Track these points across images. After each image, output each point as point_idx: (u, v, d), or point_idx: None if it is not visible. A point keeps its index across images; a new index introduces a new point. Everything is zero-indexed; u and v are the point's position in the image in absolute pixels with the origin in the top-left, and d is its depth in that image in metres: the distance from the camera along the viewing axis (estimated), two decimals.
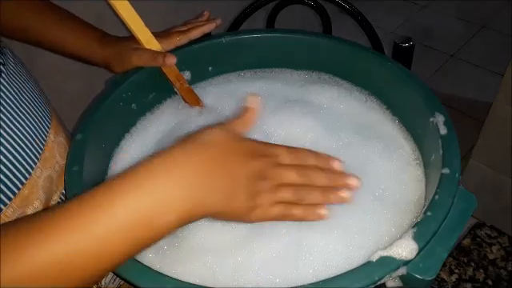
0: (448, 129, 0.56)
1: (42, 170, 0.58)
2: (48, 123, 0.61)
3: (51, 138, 0.61)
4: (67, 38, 0.69)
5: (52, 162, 0.60)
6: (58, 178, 0.61)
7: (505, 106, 1.21)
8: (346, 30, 1.08)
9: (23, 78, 0.60)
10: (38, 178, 0.57)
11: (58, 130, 0.63)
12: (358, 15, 1.00)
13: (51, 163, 0.60)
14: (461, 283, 0.66)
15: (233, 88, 0.73)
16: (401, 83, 0.65)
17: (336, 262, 0.51)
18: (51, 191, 0.60)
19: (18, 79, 0.58)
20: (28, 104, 0.58)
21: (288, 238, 0.53)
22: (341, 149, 0.63)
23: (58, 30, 0.69)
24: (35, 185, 0.57)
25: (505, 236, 0.71)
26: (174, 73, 0.69)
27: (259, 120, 0.66)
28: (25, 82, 0.60)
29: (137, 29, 0.65)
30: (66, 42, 0.70)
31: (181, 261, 0.52)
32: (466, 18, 2.29)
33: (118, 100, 0.65)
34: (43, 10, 0.69)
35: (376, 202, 0.57)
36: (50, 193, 0.60)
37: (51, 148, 0.60)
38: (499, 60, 1.83)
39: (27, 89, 0.59)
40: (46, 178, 0.59)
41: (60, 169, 0.62)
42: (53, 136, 0.61)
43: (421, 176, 0.59)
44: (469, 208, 0.50)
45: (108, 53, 0.69)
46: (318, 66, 0.74)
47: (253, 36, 0.74)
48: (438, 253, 0.46)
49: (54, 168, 0.60)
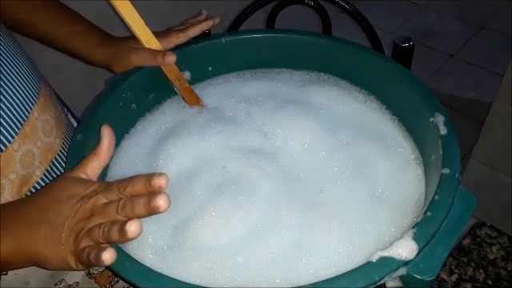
0: (448, 129, 0.56)
1: (21, 145, 0.59)
2: (34, 99, 0.62)
3: (35, 114, 0.61)
4: (70, 37, 0.71)
5: (33, 138, 0.61)
6: (42, 155, 0.63)
7: (505, 106, 1.21)
8: (346, 30, 1.08)
9: (11, 50, 0.61)
10: (15, 152, 0.58)
11: (45, 108, 0.64)
12: (358, 15, 1.00)
13: (32, 139, 0.61)
14: (461, 283, 0.66)
15: (233, 88, 0.73)
16: (400, 83, 0.65)
17: (336, 262, 0.51)
18: (32, 166, 0.62)
19: (5, 51, 0.59)
20: (14, 77, 0.59)
21: (288, 239, 0.53)
22: (340, 149, 0.63)
23: (63, 29, 0.71)
24: (11, 158, 0.58)
25: (505, 236, 0.71)
26: (173, 72, 0.69)
27: (258, 120, 0.67)
28: (13, 55, 0.60)
29: (137, 28, 0.65)
30: (68, 41, 0.71)
31: (181, 261, 0.52)
32: (465, 18, 2.29)
33: (118, 100, 0.65)
34: (51, 8, 0.71)
35: (376, 201, 0.57)
36: (31, 168, 0.61)
37: (33, 124, 0.61)
38: (499, 60, 1.84)
39: (15, 63, 0.60)
40: (26, 153, 0.60)
41: (44, 146, 0.63)
42: (37, 113, 0.62)
43: (421, 176, 0.59)
44: (469, 208, 0.50)
45: (108, 53, 0.69)
46: (317, 66, 0.74)
47: (253, 36, 0.74)
48: (438, 253, 0.46)
49: (35, 144, 0.61)
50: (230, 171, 0.60)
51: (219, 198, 0.56)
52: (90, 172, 0.50)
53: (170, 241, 0.54)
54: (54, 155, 0.66)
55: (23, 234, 0.46)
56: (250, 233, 0.53)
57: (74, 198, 0.46)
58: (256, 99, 0.71)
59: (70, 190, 0.47)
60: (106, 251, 0.42)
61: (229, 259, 0.51)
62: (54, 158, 0.66)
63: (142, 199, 0.43)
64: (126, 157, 0.64)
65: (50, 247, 0.45)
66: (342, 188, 0.58)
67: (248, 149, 0.63)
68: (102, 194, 0.46)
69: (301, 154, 0.63)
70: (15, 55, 0.61)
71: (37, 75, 0.65)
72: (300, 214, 0.55)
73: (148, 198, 0.43)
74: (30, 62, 0.65)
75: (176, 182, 0.59)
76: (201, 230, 0.54)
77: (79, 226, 0.45)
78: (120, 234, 0.42)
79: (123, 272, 0.45)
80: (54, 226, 0.45)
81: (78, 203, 0.46)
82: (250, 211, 0.55)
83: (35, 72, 0.65)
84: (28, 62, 0.64)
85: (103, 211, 0.45)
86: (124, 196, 0.45)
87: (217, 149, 0.63)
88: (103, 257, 0.42)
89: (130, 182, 0.45)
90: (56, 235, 0.45)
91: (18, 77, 0.60)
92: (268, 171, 0.60)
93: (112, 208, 0.44)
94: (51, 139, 0.65)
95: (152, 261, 0.52)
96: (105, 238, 0.43)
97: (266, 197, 0.57)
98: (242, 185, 0.58)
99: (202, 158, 0.62)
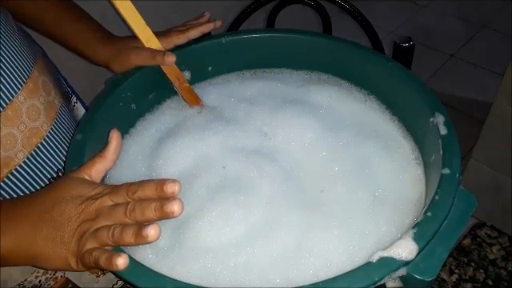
0: (448, 129, 0.56)
1: (1, 128, 0.59)
2: (20, 83, 0.63)
3: (20, 98, 0.62)
4: (74, 36, 0.72)
5: (15, 122, 0.62)
6: (26, 140, 0.64)
7: (505, 106, 1.21)
8: (346, 30, 1.08)
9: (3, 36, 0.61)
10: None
11: (33, 94, 0.65)
12: (358, 15, 1.00)
13: (14, 122, 0.61)
14: (461, 283, 0.66)
15: (232, 88, 0.73)
16: (401, 83, 0.65)
17: (336, 263, 0.51)
18: (14, 149, 0.63)
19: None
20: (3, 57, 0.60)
21: (288, 239, 0.53)
22: (340, 149, 0.63)
23: (67, 28, 0.72)
24: None
25: (505, 236, 0.71)
26: (173, 72, 0.69)
27: (258, 120, 0.67)
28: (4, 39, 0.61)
29: (138, 28, 0.65)
30: (72, 39, 0.73)
31: (181, 261, 0.52)
32: (466, 18, 2.29)
33: (118, 100, 0.65)
34: (59, 6, 0.73)
35: (376, 201, 0.57)
36: (12, 151, 0.62)
37: (17, 108, 0.62)
38: (499, 60, 1.83)
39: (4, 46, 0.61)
40: (7, 135, 0.61)
41: (28, 130, 0.64)
42: (23, 97, 0.63)
43: (421, 176, 0.59)
44: (469, 208, 0.50)
45: (108, 52, 0.69)
46: (317, 65, 0.74)
47: (253, 36, 0.74)
48: (438, 253, 0.46)
49: (18, 127, 0.62)
50: (230, 171, 0.60)
51: (219, 198, 0.56)
52: (94, 174, 0.50)
53: (171, 241, 0.54)
54: (40, 140, 0.66)
55: (25, 233, 0.46)
56: (250, 233, 0.53)
57: (79, 198, 0.46)
58: (256, 99, 0.71)
59: (75, 190, 0.47)
60: (120, 257, 0.42)
61: (229, 259, 0.51)
62: (40, 142, 0.66)
63: (154, 203, 0.43)
64: (126, 157, 0.64)
65: (51, 247, 0.45)
66: (342, 188, 0.58)
67: (248, 149, 0.63)
68: (108, 196, 0.46)
69: (301, 153, 0.63)
70: (6, 39, 0.62)
71: (30, 60, 0.66)
72: (300, 214, 0.55)
73: (160, 202, 0.43)
74: (25, 46, 0.66)
75: None
76: (201, 231, 0.54)
77: (83, 227, 0.45)
78: (136, 237, 0.42)
79: (123, 272, 0.45)
80: (57, 225, 0.45)
81: (83, 204, 0.45)
82: (251, 211, 0.55)
83: (28, 57, 0.66)
84: (22, 46, 0.65)
85: (109, 213, 0.44)
86: (132, 200, 0.45)
87: (217, 149, 0.63)
88: (117, 262, 0.42)
89: (139, 186, 0.45)
90: (59, 235, 0.45)
91: (7, 59, 0.61)
92: (268, 171, 0.60)
93: (119, 211, 0.44)
94: (37, 124, 0.65)
95: (152, 261, 0.52)
96: (115, 240, 0.43)
97: (267, 197, 0.57)
98: (242, 185, 0.58)
99: (202, 158, 0.62)
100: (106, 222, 0.44)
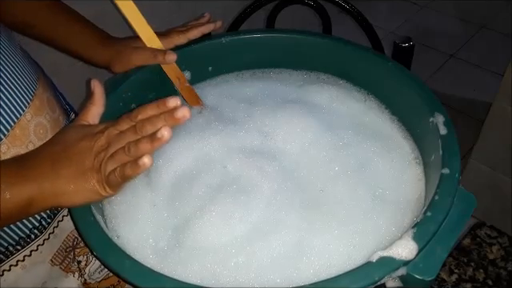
0: (448, 129, 0.56)
1: (10, 147, 0.58)
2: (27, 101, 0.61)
3: (27, 117, 0.61)
4: (72, 39, 0.71)
5: (23, 141, 0.60)
6: None
7: (505, 106, 1.21)
8: (346, 30, 1.08)
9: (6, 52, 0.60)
10: (3, 154, 0.57)
11: (40, 111, 0.63)
12: (358, 15, 1.00)
13: (22, 142, 0.60)
14: (461, 283, 0.66)
15: (232, 88, 0.73)
16: (400, 83, 0.65)
17: (336, 262, 0.51)
18: None
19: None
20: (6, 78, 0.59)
21: (288, 239, 0.53)
22: (340, 148, 0.63)
23: (64, 30, 0.71)
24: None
25: (505, 236, 0.71)
26: (174, 71, 0.69)
27: (258, 120, 0.67)
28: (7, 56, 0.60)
29: (139, 27, 0.66)
30: (68, 42, 0.71)
31: (181, 261, 0.52)
32: (465, 18, 2.29)
33: (118, 100, 0.65)
34: (52, 9, 0.71)
35: (376, 201, 0.57)
36: None
37: (25, 127, 0.60)
38: (499, 60, 1.83)
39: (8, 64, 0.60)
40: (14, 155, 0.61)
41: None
42: (30, 116, 0.61)
43: (420, 175, 0.59)
44: (469, 208, 0.50)
45: (109, 52, 0.69)
46: (317, 65, 0.74)
47: (253, 36, 0.74)
48: (437, 253, 0.46)
49: (26, 147, 0.60)
50: (230, 171, 0.60)
51: (220, 198, 0.56)
52: (90, 119, 0.54)
53: (171, 241, 0.54)
54: None
55: (46, 175, 0.48)
56: (250, 233, 0.53)
57: (87, 136, 0.50)
58: (256, 99, 0.71)
59: (80, 133, 0.51)
60: (144, 156, 0.45)
61: (229, 259, 0.51)
62: None
63: (162, 115, 0.47)
64: None
65: (74, 181, 0.48)
66: (343, 188, 0.58)
67: (248, 149, 0.63)
68: (113, 127, 0.50)
69: (301, 153, 0.63)
70: (10, 56, 0.61)
71: (33, 77, 0.64)
72: (300, 214, 0.55)
73: (169, 112, 0.47)
74: (27, 63, 0.64)
75: (176, 183, 0.59)
76: (201, 231, 0.54)
77: (100, 156, 0.48)
78: (152, 141, 0.45)
79: (123, 272, 0.45)
80: (74, 162, 0.49)
81: (93, 140, 0.49)
82: (251, 211, 0.55)
83: (32, 74, 0.64)
84: (24, 64, 0.63)
85: (120, 138, 0.48)
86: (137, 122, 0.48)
87: (217, 149, 0.63)
88: (144, 161, 0.45)
89: (139, 110, 0.49)
90: (79, 170, 0.48)
91: (11, 78, 0.60)
92: (268, 171, 0.60)
93: (129, 132, 0.48)
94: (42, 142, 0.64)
95: (153, 261, 0.52)
96: (132, 154, 0.46)
97: (267, 196, 0.57)
98: (242, 185, 0.58)
99: (202, 158, 0.62)
100: (119, 146, 0.48)
